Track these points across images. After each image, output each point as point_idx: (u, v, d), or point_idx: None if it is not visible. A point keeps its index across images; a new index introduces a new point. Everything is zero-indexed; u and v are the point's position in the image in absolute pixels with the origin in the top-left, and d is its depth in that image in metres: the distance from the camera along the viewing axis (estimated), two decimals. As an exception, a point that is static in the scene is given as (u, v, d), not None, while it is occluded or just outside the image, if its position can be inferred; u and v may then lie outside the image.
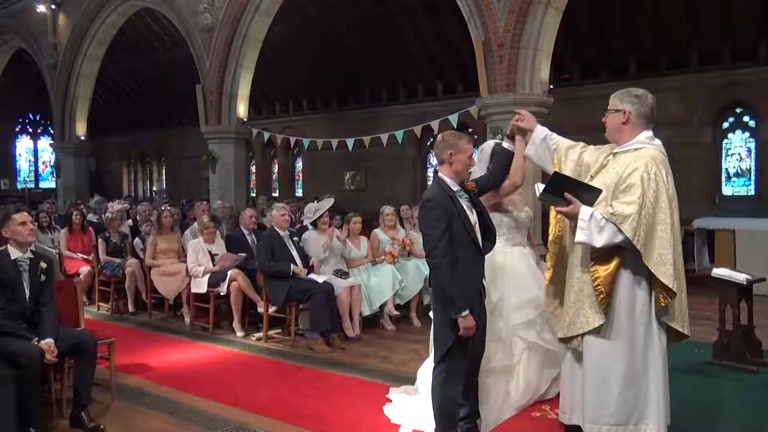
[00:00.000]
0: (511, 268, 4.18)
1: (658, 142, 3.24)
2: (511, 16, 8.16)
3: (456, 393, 3.41)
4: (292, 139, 12.85)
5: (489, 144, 4.34)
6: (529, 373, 4.16)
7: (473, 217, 3.41)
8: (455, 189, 3.40)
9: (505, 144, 3.84)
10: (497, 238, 3.72)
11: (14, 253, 4.14)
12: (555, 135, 3.61)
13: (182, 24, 12.52)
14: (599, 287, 3.14)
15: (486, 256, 3.53)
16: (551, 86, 9.05)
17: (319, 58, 15.05)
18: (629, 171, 3.10)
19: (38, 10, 15.87)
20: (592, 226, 3.04)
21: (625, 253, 3.11)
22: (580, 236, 3.08)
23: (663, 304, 3.11)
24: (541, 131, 3.62)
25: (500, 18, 8.24)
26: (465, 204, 3.39)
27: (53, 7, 15.61)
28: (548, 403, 4.19)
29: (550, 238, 3.52)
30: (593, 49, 12.13)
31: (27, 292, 4.10)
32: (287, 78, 16.31)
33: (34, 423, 3.78)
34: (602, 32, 11.83)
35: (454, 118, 9.51)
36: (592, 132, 3.91)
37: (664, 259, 3.03)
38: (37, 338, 3.90)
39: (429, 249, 3.29)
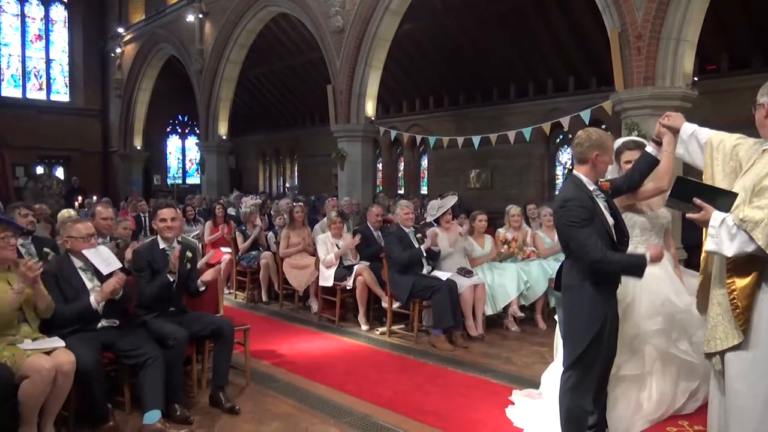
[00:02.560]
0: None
1: None
2: (651, 4, 7.66)
3: (585, 400, 3.25)
4: (418, 137, 12.95)
5: (618, 142, 4.10)
6: (663, 384, 3.89)
7: (610, 219, 3.23)
8: (592, 188, 3.23)
9: (649, 148, 3.58)
10: (630, 239, 3.50)
11: (162, 243, 4.55)
12: (704, 129, 3.32)
13: (315, 27, 13.02)
14: (735, 301, 2.84)
15: None
16: (695, 78, 8.40)
17: (447, 56, 15.04)
18: (766, 171, 2.79)
19: (187, 20, 17.23)
20: (722, 233, 2.75)
21: (765, 263, 2.81)
22: (709, 244, 2.80)
23: None
24: (688, 127, 3.34)
25: (638, 7, 7.77)
26: (602, 204, 3.22)
27: (200, 16, 16.86)
28: (686, 419, 3.90)
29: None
30: (744, 36, 11.11)
31: (174, 279, 4.48)
32: (414, 76, 16.46)
33: (178, 399, 4.11)
34: (754, 18, 10.80)
35: (586, 114, 9.11)
36: (742, 128, 3.56)
37: None
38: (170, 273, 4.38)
39: (578, 248, 3.11)
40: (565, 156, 14.90)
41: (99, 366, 3.82)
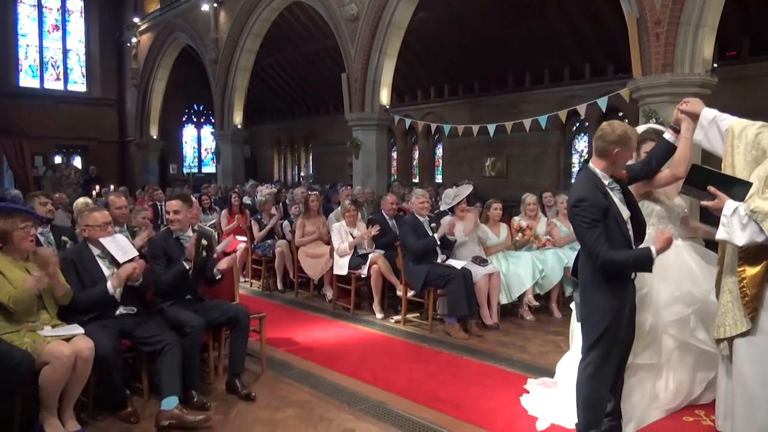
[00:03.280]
0: (661, 260, 3.86)
1: None
2: (670, -10, 7.55)
3: (604, 386, 3.25)
4: (433, 126, 12.90)
5: (639, 130, 4.04)
6: (680, 374, 3.86)
7: (626, 212, 3.19)
8: (606, 182, 3.18)
9: (667, 135, 3.53)
10: (647, 228, 3.46)
11: (177, 231, 4.59)
12: (725, 115, 3.26)
13: (329, 15, 12.99)
14: (744, 289, 2.83)
15: None
16: (715, 65, 8.27)
17: (461, 43, 14.92)
18: None
19: (202, 9, 17.23)
20: (734, 223, 2.73)
21: None
22: (720, 233, 2.78)
23: None
24: (708, 113, 3.29)
25: (657, -7, 7.66)
26: (617, 197, 3.17)
27: (215, 5, 16.87)
28: (703, 408, 3.88)
29: None
30: (765, 21, 10.90)
31: (190, 267, 4.52)
32: (429, 64, 16.36)
33: (195, 386, 4.15)
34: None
35: (602, 102, 9.03)
36: (763, 115, 3.52)
37: None
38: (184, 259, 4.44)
39: (587, 250, 3.13)
40: (581, 144, 14.77)
41: (117, 353, 3.87)
